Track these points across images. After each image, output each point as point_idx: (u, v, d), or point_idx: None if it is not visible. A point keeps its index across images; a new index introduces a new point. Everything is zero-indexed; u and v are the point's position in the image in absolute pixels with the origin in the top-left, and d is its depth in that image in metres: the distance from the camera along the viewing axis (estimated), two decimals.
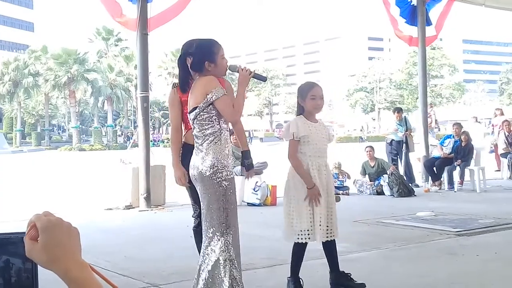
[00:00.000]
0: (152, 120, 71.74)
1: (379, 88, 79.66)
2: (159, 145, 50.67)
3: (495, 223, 7.70)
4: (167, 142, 56.40)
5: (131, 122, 63.89)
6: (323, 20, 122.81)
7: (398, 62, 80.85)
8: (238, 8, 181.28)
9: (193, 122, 4.01)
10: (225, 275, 3.83)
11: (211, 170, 3.89)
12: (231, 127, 4.51)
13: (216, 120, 3.93)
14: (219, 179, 3.89)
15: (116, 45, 62.05)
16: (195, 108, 3.94)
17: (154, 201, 9.75)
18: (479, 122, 14.44)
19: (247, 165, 4.68)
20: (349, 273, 4.65)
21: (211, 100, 3.87)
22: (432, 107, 13.37)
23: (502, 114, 14.34)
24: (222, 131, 3.95)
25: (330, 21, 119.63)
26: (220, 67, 4.05)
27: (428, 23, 13.29)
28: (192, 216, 4.73)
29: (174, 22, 10.21)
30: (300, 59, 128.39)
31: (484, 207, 9.28)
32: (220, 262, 3.85)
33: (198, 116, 3.94)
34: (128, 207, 9.67)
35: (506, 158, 14.35)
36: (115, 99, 59.50)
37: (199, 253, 4.18)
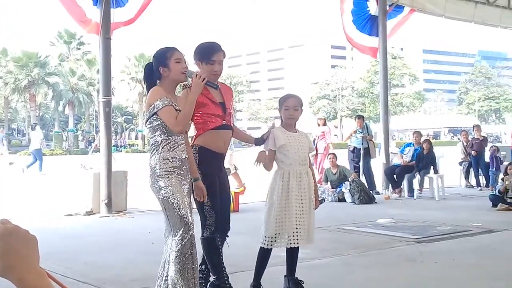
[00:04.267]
0: (115, 125, 70.96)
1: (342, 96, 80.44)
2: (121, 151, 50.16)
3: (453, 230, 7.85)
4: (129, 148, 55.91)
5: (93, 127, 63.11)
6: (287, 28, 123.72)
7: (360, 71, 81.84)
8: (201, 15, 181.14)
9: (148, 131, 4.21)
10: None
11: (152, 179, 4.07)
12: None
13: (162, 129, 4.05)
14: (158, 188, 4.04)
15: (78, 49, 61.27)
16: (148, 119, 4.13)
17: (116, 207, 9.65)
18: None
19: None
20: (302, 280, 4.72)
21: (154, 111, 4.02)
22: (325, 124, 14.10)
23: (324, 124, 14.55)
24: (169, 141, 4.05)
25: (294, 29, 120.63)
26: (174, 71, 4.10)
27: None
28: (207, 224, 4.48)
29: (137, 27, 10.16)
30: (264, 66, 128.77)
31: (442, 215, 9.45)
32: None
33: (147, 124, 4.14)
34: (89, 213, 9.55)
35: (461, 165, 14.69)
36: (77, 103, 58.77)
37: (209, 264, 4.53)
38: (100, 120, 10.38)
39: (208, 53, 4.50)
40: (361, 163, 13.03)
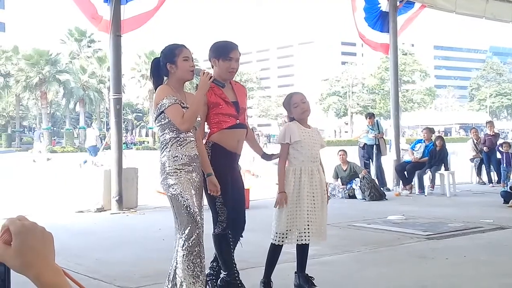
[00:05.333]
0: (125, 122, 71.13)
1: (352, 92, 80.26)
2: (131, 148, 50.32)
3: (464, 226, 7.82)
4: (139, 145, 56.07)
5: (104, 124, 63.26)
6: (297, 24, 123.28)
7: (371, 67, 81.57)
8: (211, 11, 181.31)
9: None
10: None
11: (162, 176, 4.08)
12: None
13: (170, 127, 4.06)
14: (167, 185, 4.06)
15: (89, 47, 61.40)
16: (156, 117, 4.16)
17: (126, 204, 9.70)
18: None
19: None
20: (312, 277, 4.72)
21: (161, 109, 4.03)
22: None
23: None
24: (178, 138, 4.06)
25: (304, 26, 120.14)
26: (181, 68, 4.11)
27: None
28: (219, 221, 4.45)
29: (148, 24, 10.17)
30: (274, 62, 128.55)
31: (453, 211, 9.42)
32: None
33: (156, 123, 4.17)
34: (100, 209, 9.59)
35: (473, 162, 14.64)
36: (88, 100, 58.92)
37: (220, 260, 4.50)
38: (110, 117, 10.42)
39: (225, 50, 4.51)
40: (372, 160, 13.01)
